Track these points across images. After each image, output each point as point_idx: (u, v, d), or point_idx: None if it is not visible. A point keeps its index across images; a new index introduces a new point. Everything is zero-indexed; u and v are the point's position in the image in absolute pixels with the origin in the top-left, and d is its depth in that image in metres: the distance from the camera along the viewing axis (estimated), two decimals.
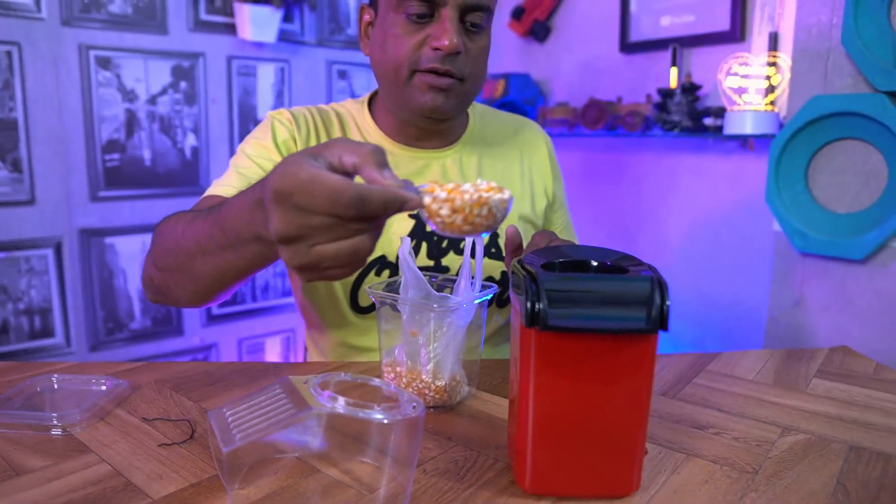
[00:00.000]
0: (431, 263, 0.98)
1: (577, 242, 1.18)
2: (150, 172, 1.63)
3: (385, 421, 0.55)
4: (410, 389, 0.77)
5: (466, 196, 0.52)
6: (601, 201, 2.14)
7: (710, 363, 0.94)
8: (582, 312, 0.52)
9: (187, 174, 1.68)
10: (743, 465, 0.65)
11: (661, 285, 0.53)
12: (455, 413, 0.76)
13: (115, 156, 1.57)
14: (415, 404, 0.58)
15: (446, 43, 0.84)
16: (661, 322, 0.52)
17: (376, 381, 0.63)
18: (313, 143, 0.96)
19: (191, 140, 1.68)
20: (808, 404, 0.80)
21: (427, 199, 0.52)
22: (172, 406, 0.76)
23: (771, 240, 1.30)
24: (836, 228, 1.17)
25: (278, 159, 0.91)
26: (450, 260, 0.98)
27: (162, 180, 1.62)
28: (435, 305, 0.72)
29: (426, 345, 0.76)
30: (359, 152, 0.50)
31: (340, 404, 0.55)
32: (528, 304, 0.52)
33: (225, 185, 0.89)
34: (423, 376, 0.76)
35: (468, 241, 0.78)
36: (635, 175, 2.04)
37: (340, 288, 0.97)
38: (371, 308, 0.97)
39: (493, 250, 1.02)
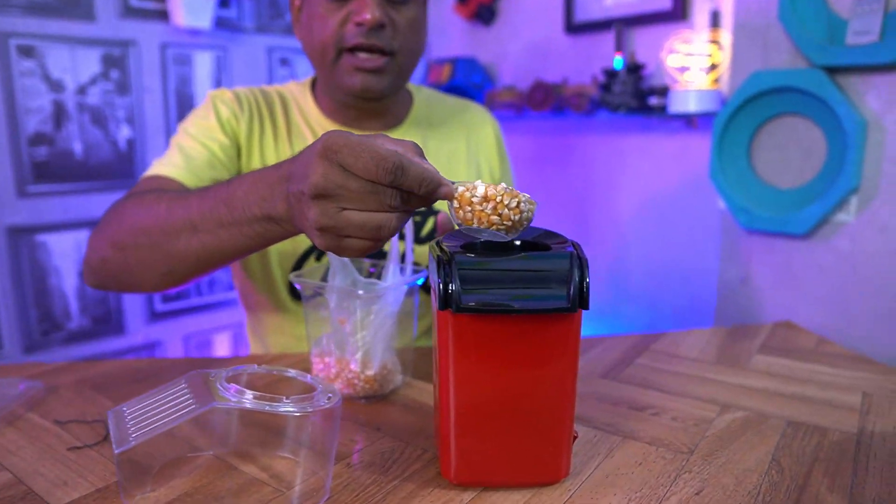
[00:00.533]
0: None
1: None
2: (82, 166, 1.55)
3: (296, 413, 0.52)
4: (339, 380, 0.74)
5: (500, 187, 0.51)
6: (551, 184, 2.13)
7: (654, 343, 0.93)
8: (497, 292, 0.49)
9: (122, 167, 1.61)
10: (679, 445, 0.63)
11: (581, 262, 0.50)
12: (387, 402, 0.73)
13: (43, 149, 1.49)
14: (330, 395, 0.55)
15: (367, 16, 0.82)
16: (582, 300, 0.49)
17: (292, 373, 0.59)
18: (256, 124, 0.94)
19: (125, 132, 1.60)
20: (749, 380, 0.79)
21: (461, 189, 0.51)
22: (90, 407, 0.72)
23: (717, 218, 1.30)
24: (780, 204, 1.17)
25: (223, 138, 0.89)
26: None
27: (95, 173, 1.55)
28: (360, 292, 0.69)
29: (354, 333, 0.73)
30: (401, 143, 0.51)
31: (247, 398, 0.52)
32: (441, 285, 0.49)
33: (169, 164, 0.85)
34: (352, 366, 0.73)
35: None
36: (583, 156, 2.03)
37: (279, 272, 0.94)
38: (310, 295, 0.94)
39: (436, 235, 0.99)
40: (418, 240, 0.98)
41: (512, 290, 0.49)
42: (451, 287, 0.49)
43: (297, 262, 0.93)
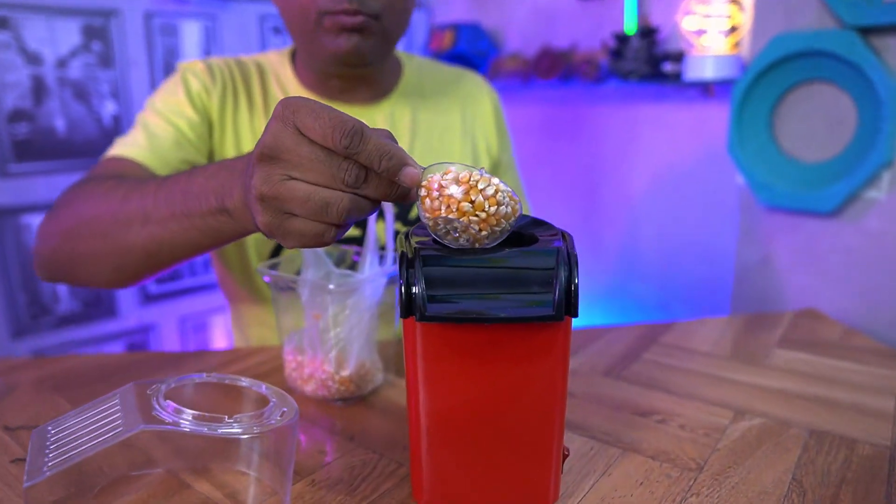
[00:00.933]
0: (358, 233, 0.88)
1: (527, 208, 1.08)
2: (65, 143, 1.49)
3: (242, 437, 0.46)
4: (313, 381, 0.67)
5: (475, 171, 0.43)
6: (558, 157, 2.03)
7: (663, 335, 0.86)
8: (470, 297, 0.42)
9: (108, 143, 1.53)
10: (686, 460, 0.56)
11: (569, 259, 0.43)
12: (365, 405, 0.67)
13: (23, 126, 1.42)
14: (284, 409, 0.49)
15: None
16: (569, 306, 0.42)
17: (245, 382, 0.53)
18: (229, 98, 0.86)
19: (109, 107, 1.53)
20: (768, 380, 0.72)
21: (429, 175, 0.43)
22: (46, 410, 0.67)
23: (735, 194, 1.21)
24: (804, 179, 1.07)
25: (192, 114, 0.83)
26: (380, 227, 0.88)
27: (80, 151, 1.48)
28: (331, 286, 0.62)
29: (327, 330, 0.66)
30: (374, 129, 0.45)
31: (185, 418, 0.46)
32: (403, 288, 0.42)
33: (132, 144, 0.79)
34: (326, 366, 0.66)
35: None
36: (592, 128, 1.94)
37: (256, 260, 0.88)
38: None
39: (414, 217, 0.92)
40: (406, 222, 0.90)
41: (487, 294, 0.42)
42: (415, 290, 0.42)
43: (274, 249, 0.87)
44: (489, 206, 0.42)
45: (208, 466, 0.56)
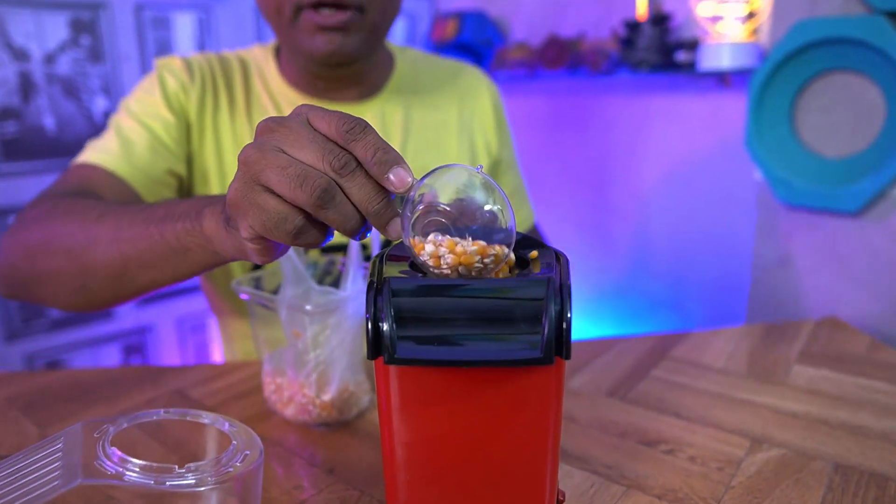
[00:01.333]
0: (344, 240, 0.83)
1: (530, 209, 1.02)
2: (55, 142, 1.45)
3: (196, 489, 0.41)
4: (293, 405, 0.63)
5: (470, 248, 0.39)
6: (566, 150, 1.96)
7: (674, 347, 0.80)
8: (447, 337, 0.36)
9: None
10: (697, 500, 0.50)
11: (562, 291, 0.37)
12: (349, 431, 0.62)
13: (11, 124, 1.38)
14: (247, 452, 0.44)
15: None
16: (560, 348, 0.36)
17: (207, 419, 0.48)
18: (209, 97, 0.81)
19: (100, 103, 1.49)
20: (788, 402, 0.66)
21: (420, 187, 0.39)
22: (9, 434, 0.63)
23: (753, 190, 1.14)
24: (826, 176, 1.01)
25: (168, 116, 0.78)
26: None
27: (71, 149, 1.44)
28: (308, 307, 0.57)
29: (307, 351, 0.61)
30: None
31: (131, 468, 0.40)
32: (369, 325, 0.37)
33: (103, 151, 0.74)
34: (306, 389, 0.61)
35: None
36: (602, 120, 1.86)
37: (240, 271, 0.82)
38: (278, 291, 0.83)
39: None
40: None
41: (467, 332, 0.36)
42: (382, 328, 0.36)
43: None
44: (480, 263, 0.39)
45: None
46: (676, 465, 0.55)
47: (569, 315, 0.36)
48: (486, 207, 0.40)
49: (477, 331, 0.36)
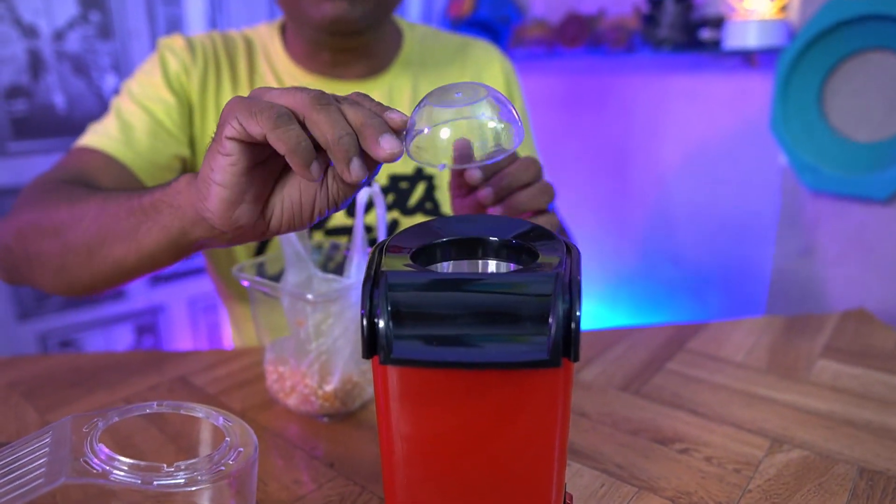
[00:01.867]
0: (350, 222, 0.81)
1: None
2: (65, 120, 1.43)
3: (185, 489, 0.39)
4: (295, 395, 0.61)
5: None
6: (585, 131, 1.92)
7: (691, 339, 0.77)
8: (447, 335, 0.34)
9: None
10: None
11: (571, 287, 0.34)
12: (353, 423, 0.60)
13: (21, 103, 1.37)
14: (240, 450, 0.42)
15: None
16: (567, 348, 0.33)
17: (201, 413, 0.46)
18: (211, 77, 0.79)
19: (110, 81, 1.47)
20: (810, 399, 0.63)
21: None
22: (9, 421, 0.62)
23: (778, 176, 1.10)
24: (856, 162, 0.96)
25: (169, 98, 0.76)
26: (374, 216, 0.80)
27: (81, 128, 1.41)
28: (309, 296, 0.55)
29: (308, 340, 0.59)
30: None
31: (119, 467, 0.39)
32: (364, 322, 0.34)
33: (104, 135, 0.73)
34: (308, 379, 0.59)
35: (362, 197, 0.59)
36: (622, 100, 1.81)
37: (243, 252, 0.81)
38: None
39: (427, 205, 0.84)
40: (406, 211, 0.82)
41: (468, 331, 0.34)
42: (378, 325, 0.34)
43: (259, 246, 0.80)
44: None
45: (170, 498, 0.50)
46: (691, 466, 0.53)
47: (578, 314, 0.34)
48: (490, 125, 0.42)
49: (479, 329, 0.34)
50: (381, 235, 0.67)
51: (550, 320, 0.33)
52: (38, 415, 0.63)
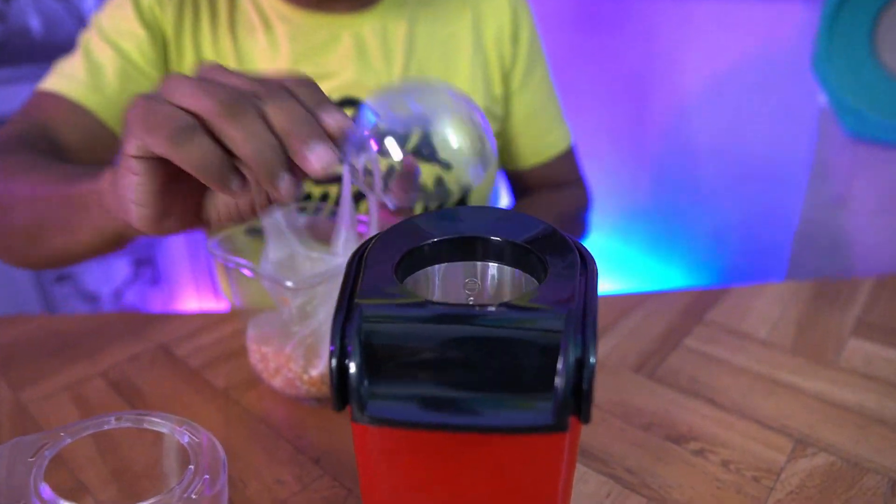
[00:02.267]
0: (335, 190, 0.75)
1: (565, 130, 0.91)
2: (43, 45, 1.34)
3: None
4: (279, 377, 0.57)
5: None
6: (600, 57, 1.78)
7: (712, 308, 0.71)
8: (432, 393, 0.28)
9: None
10: None
11: (584, 330, 0.28)
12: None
13: None
14: (206, 477, 0.38)
15: None
16: (578, 408, 0.28)
17: (165, 427, 0.41)
18: (188, 12, 0.71)
19: (91, 2, 1.36)
20: (839, 389, 0.57)
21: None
22: None
23: (814, 117, 1.00)
24: None
25: (141, 33, 0.68)
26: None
27: (60, 54, 1.33)
28: (289, 284, 0.49)
29: (292, 322, 0.54)
30: None
31: None
32: (334, 366, 0.28)
33: (71, 77, 0.67)
34: (292, 363, 0.55)
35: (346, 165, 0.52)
36: (642, 23, 1.67)
37: None
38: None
39: (424, 152, 0.76)
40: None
41: (458, 387, 0.28)
42: (350, 373, 0.28)
43: None
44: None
45: None
46: (707, 472, 0.48)
47: (592, 361, 0.28)
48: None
49: (472, 386, 0.28)
50: (373, 209, 0.59)
51: (557, 377, 0.27)
52: (11, 391, 0.59)
